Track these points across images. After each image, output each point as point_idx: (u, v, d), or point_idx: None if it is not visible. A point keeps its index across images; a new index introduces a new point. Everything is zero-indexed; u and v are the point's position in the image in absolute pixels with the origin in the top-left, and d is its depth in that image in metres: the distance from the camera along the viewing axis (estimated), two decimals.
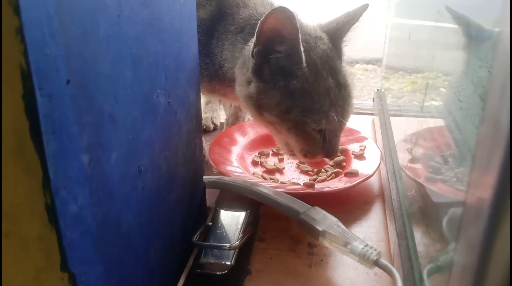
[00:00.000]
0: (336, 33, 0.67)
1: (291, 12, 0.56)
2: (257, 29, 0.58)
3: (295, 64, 0.59)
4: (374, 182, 0.73)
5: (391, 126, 0.76)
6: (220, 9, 0.70)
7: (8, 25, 0.23)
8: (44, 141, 0.25)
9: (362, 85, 2.44)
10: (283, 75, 0.60)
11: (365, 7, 0.68)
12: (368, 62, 2.63)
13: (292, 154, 0.67)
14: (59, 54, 0.26)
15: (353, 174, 0.71)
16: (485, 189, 0.22)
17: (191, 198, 0.57)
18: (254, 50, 0.60)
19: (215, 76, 0.71)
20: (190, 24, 0.53)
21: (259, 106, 0.63)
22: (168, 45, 0.46)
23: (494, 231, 0.21)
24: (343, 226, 0.53)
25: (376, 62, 2.47)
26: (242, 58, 0.65)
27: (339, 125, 0.63)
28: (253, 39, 0.60)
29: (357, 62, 2.63)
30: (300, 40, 0.58)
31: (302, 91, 0.60)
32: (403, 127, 0.71)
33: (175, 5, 0.47)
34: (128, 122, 0.37)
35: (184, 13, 0.50)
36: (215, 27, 0.69)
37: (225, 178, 0.67)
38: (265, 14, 0.57)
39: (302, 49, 0.58)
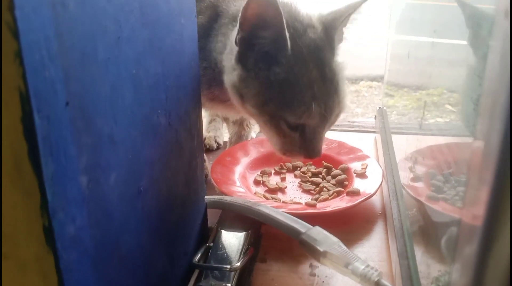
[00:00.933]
0: (332, 23, 0.64)
1: None
2: (239, 15, 0.57)
3: (280, 50, 0.58)
4: (376, 201, 0.72)
5: (392, 144, 0.76)
6: (216, 10, 0.70)
7: (7, 48, 0.23)
8: (42, 163, 0.26)
9: (367, 102, 2.45)
10: (267, 62, 0.59)
11: None
12: (372, 79, 2.65)
13: (272, 144, 0.65)
14: (58, 77, 0.27)
15: (355, 193, 0.70)
16: (478, 206, 0.22)
17: (192, 218, 0.57)
18: (238, 37, 0.59)
19: (213, 81, 0.69)
20: (191, 44, 0.54)
21: (241, 96, 0.61)
22: (168, 66, 0.46)
23: (488, 250, 0.21)
24: (344, 247, 0.52)
25: (381, 79, 2.49)
26: (229, 44, 0.63)
27: (321, 122, 0.60)
28: (237, 26, 0.59)
29: (362, 79, 2.65)
30: (285, 25, 0.56)
31: (284, 81, 0.58)
32: (405, 145, 0.71)
33: (175, 26, 0.48)
34: (127, 143, 0.37)
35: (185, 34, 0.51)
36: (212, 27, 0.69)
37: (227, 198, 0.66)
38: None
39: (287, 34, 0.57)
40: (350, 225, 0.66)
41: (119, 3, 0.34)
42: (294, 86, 0.58)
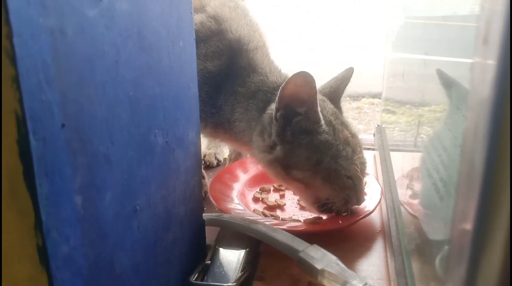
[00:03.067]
0: (333, 95, 0.73)
1: (311, 76, 0.59)
2: (278, 94, 0.62)
3: (315, 123, 0.64)
4: (375, 218, 0.72)
5: (391, 161, 0.76)
6: (228, 67, 0.72)
7: (5, 74, 0.24)
8: (36, 184, 0.26)
9: (369, 119, 2.46)
10: (305, 133, 0.64)
11: (351, 70, 0.74)
12: (374, 96, 2.67)
13: (321, 210, 0.68)
14: (54, 100, 0.27)
15: (354, 210, 0.70)
16: (466, 226, 0.22)
17: (189, 236, 0.57)
18: (278, 114, 0.63)
19: (220, 125, 0.74)
20: (190, 66, 0.55)
21: (287, 166, 0.65)
22: (167, 87, 0.47)
23: (477, 267, 0.21)
24: (342, 265, 0.52)
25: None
26: (260, 126, 0.67)
27: (362, 170, 0.67)
28: (275, 104, 0.63)
29: (363, 96, 2.67)
30: (318, 101, 0.62)
31: (327, 143, 0.64)
32: (404, 162, 0.71)
33: (174, 49, 0.49)
34: (123, 163, 0.38)
35: (183, 56, 0.52)
36: (222, 83, 0.72)
37: (225, 215, 0.67)
38: (286, 79, 0.61)
39: (319, 108, 0.63)
40: (349, 242, 0.66)
41: (117, 29, 0.35)
42: (336, 145, 0.65)
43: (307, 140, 0.64)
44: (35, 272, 0.28)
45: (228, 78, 0.72)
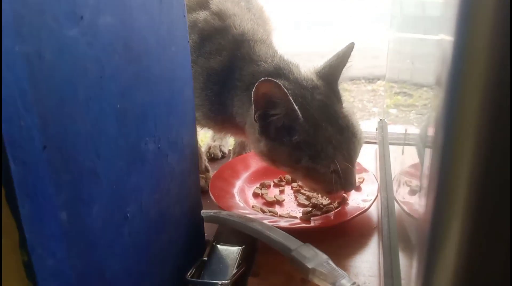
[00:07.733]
0: (331, 77, 0.71)
1: (275, 82, 0.61)
2: (252, 97, 0.63)
3: (293, 120, 0.65)
4: (372, 214, 0.73)
5: (389, 158, 0.76)
6: (230, 61, 0.74)
7: None
8: (19, 206, 0.28)
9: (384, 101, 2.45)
10: (286, 131, 0.66)
11: (351, 46, 0.72)
12: None
13: (315, 191, 0.74)
14: (34, 124, 0.29)
15: (350, 207, 0.71)
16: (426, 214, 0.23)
17: (186, 234, 0.59)
18: (255, 116, 0.65)
19: (227, 120, 0.76)
20: (183, 71, 0.55)
21: (273, 160, 0.69)
22: (158, 94, 0.48)
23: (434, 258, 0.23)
24: (332, 264, 0.54)
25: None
26: (250, 118, 0.69)
27: (349, 163, 0.67)
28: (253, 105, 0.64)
29: (379, 79, 2.64)
30: (292, 101, 0.62)
31: (305, 142, 0.65)
32: (401, 158, 0.71)
33: (165, 55, 0.50)
34: (112, 174, 0.39)
35: (176, 61, 0.52)
36: (226, 79, 0.73)
37: (223, 212, 0.68)
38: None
39: (296, 107, 0.63)
40: (344, 239, 0.67)
41: (100, 45, 0.36)
42: (315, 145, 0.65)
43: (288, 138, 0.65)
44: None
45: (230, 73, 0.73)
